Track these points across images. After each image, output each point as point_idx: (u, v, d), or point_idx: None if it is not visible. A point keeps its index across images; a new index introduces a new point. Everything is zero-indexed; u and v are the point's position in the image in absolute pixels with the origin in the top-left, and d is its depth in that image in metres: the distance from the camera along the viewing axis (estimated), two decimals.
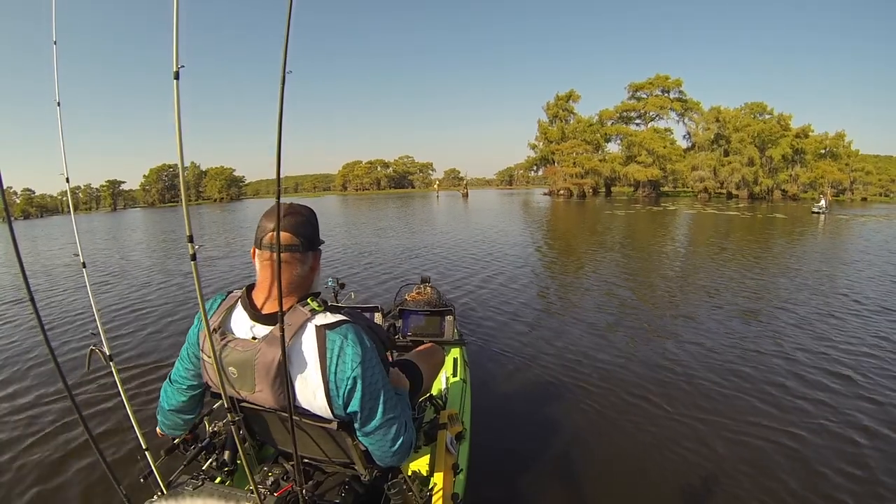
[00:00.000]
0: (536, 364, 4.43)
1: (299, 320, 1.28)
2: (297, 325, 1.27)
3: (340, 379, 1.26)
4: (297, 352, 1.27)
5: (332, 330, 1.27)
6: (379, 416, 1.33)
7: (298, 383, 1.29)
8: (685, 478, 2.79)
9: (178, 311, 6.82)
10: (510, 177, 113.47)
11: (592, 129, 54.85)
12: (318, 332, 1.27)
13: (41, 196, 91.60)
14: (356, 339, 1.28)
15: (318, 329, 1.27)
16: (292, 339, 1.26)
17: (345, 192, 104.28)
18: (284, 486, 1.46)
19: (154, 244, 17.92)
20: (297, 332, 1.27)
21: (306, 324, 1.28)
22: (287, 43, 1.03)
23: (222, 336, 1.32)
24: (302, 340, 1.27)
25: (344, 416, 1.32)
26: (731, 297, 7.02)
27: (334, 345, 1.26)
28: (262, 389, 1.28)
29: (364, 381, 1.28)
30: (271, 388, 1.27)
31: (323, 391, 1.27)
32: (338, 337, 1.27)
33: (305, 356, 1.27)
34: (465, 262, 10.18)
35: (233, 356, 1.29)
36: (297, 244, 1.32)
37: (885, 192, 56.88)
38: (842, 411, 3.51)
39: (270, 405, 1.31)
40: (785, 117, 47.38)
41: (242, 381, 1.30)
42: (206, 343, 1.30)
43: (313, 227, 1.39)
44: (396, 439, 1.37)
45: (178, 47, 1.01)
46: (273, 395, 1.28)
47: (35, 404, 3.90)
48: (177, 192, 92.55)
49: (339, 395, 1.28)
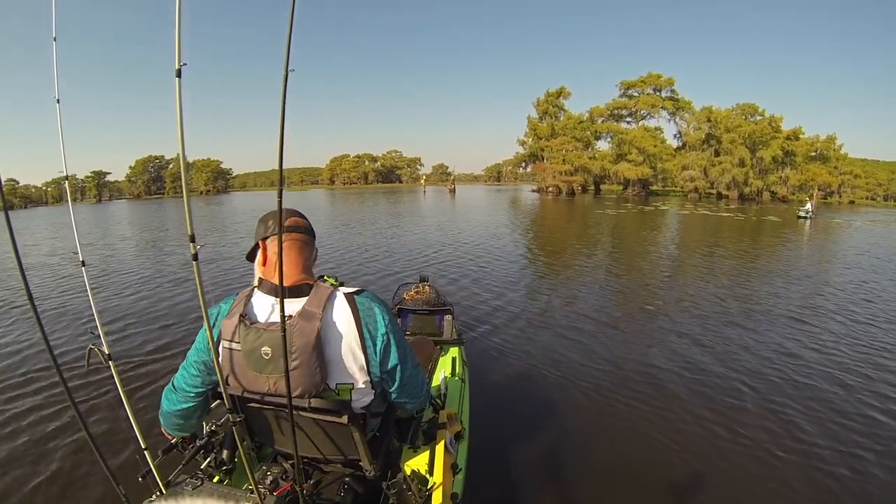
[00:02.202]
0: (536, 363, 4.44)
1: (327, 293, 1.38)
2: (326, 296, 1.37)
3: (375, 336, 1.39)
4: (332, 319, 1.36)
5: (358, 296, 1.42)
6: (411, 366, 1.51)
7: (336, 347, 1.36)
8: (686, 477, 2.81)
9: (179, 311, 6.73)
10: (498, 173, 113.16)
11: (583, 127, 54.69)
12: (349, 298, 1.39)
13: (25, 187, 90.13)
14: (380, 302, 1.45)
15: (346, 296, 1.40)
16: (326, 311, 1.35)
17: (332, 185, 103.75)
18: (284, 485, 1.46)
19: (148, 240, 17.69)
20: (328, 303, 1.37)
21: (334, 293, 1.39)
22: (290, 41, 1.03)
23: (250, 321, 1.36)
24: (335, 308, 1.37)
25: (378, 374, 1.42)
26: (742, 303, 7.04)
27: (364, 307, 1.39)
28: (298, 365, 1.30)
29: (395, 335, 1.43)
30: (309, 362, 1.31)
31: (361, 349, 1.37)
32: (365, 300, 1.42)
33: (342, 320, 1.36)
34: (460, 262, 10.17)
35: (265, 337, 1.32)
36: (306, 226, 1.53)
37: (871, 196, 57.64)
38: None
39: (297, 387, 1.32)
40: (776, 119, 47.74)
41: (276, 363, 1.32)
42: (234, 332, 1.36)
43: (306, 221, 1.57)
44: (424, 383, 1.61)
45: (181, 45, 1.00)
46: (309, 370, 1.32)
47: (33, 404, 3.84)
48: (162, 183, 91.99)
49: (377, 353, 1.39)
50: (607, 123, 55.37)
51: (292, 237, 1.46)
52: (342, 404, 1.39)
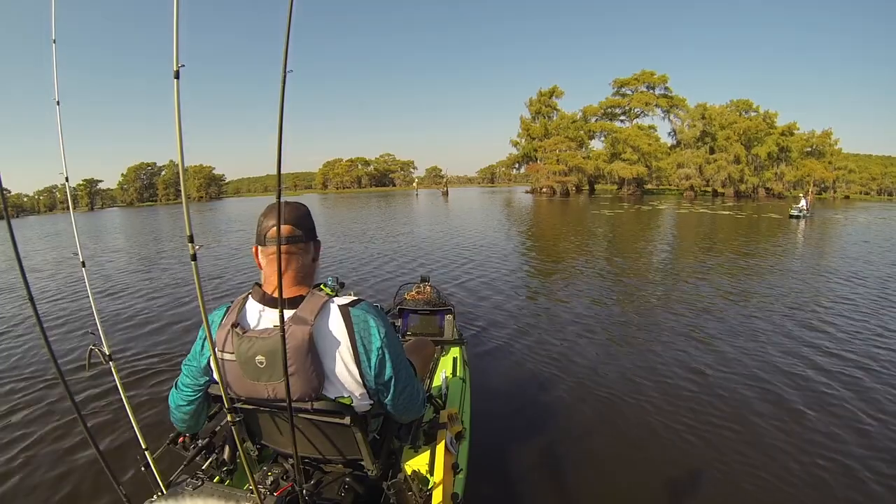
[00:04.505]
0: (537, 363, 4.43)
1: (320, 302, 1.36)
2: (320, 305, 1.35)
3: (370, 350, 1.37)
4: (326, 330, 1.35)
5: (354, 307, 1.39)
6: (405, 378, 1.48)
7: (329, 359, 1.35)
8: (686, 477, 2.79)
9: (178, 310, 6.73)
10: (492, 174, 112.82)
11: (576, 126, 54.80)
12: (343, 311, 1.37)
13: (17, 195, 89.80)
14: (377, 313, 1.42)
15: (341, 308, 1.38)
16: (319, 319, 1.34)
17: (325, 190, 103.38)
18: (284, 486, 1.47)
19: (144, 243, 17.63)
20: (321, 312, 1.35)
21: (328, 304, 1.38)
22: (287, 43, 1.03)
23: (242, 331, 1.34)
24: (329, 319, 1.36)
25: (374, 386, 1.41)
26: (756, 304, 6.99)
27: (359, 319, 1.37)
28: (294, 371, 1.29)
29: (390, 349, 1.41)
30: (304, 367, 1.31)
31: (355, 363, 1.36)
32: (361, 312, 1.39)
33: (335, 332, 1.35)
34: (459, 262, 10.20)
35: (258, 345, 1.30)
36: (300, 235, 1.43)
37: (865, 191, 57.94)
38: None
39: (296, 392, 1.32)
40: (771, 115, 47.95)
41: (271, 371, 1.31)
42: (226, 341, 1.36)
43: (310, 219, 1.50)
44: (419, 393, 1.60)
45: (178, 47, 1.00)
46: (305, 376, 1.31)
47: (34, 404, 3.84)
48: (155, 190, 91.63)
49: (371, 367, 1.38)
50: (601, 122, 55.34)
51: (283, 249, 1.38)
52: (344, 407, 1.39)
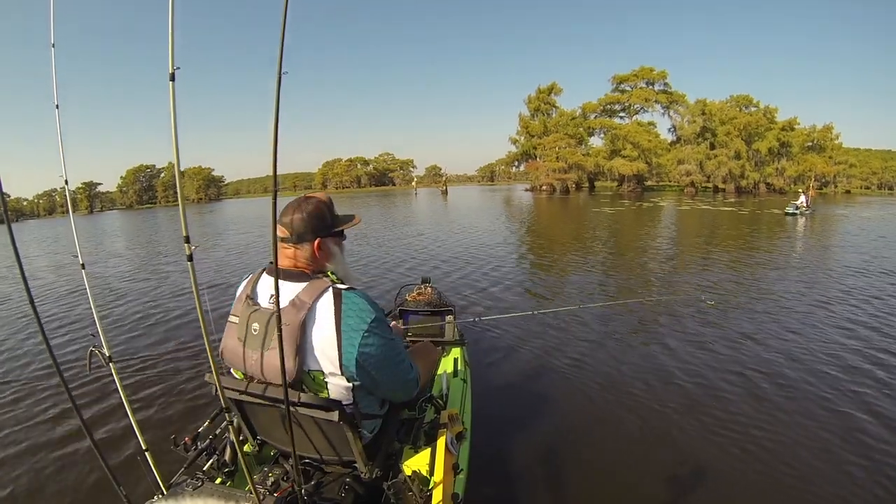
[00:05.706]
0: (538, 363, 4.42)
1: (321, 286, 1.46)
2: (320, 288, 1.45)
3: (352, 331, 1.42)
4: (316, 309, 1.43)
5: (347, 291, 1.47)
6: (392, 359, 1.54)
7: (312, 337, 1.43)
8: (686, 477, 2.79)
9: (177, 311, 6.76)
10: (491, 173, 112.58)
11: (575, 123, 54.48)
12: (336, 293, 1.45)
13: (16, 199, 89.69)
14: (367, 300, 1.49)
15: (335, 290, 1.46)
16: (316, 302, 1.43)
17: (325, 189, 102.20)
18: (284, 487, 1.47)
19: (144, 245, 17.65)
20: (319, 294, 1.45)
21: (327, 288, 1.46)
22: (283, 44, 1.03)
23: (252, 301, 1.50)
24: (322, 300, 1.44)
25: (353, 370, 1.44)
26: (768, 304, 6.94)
27: (349, 301, 1.45)
28: (275, 346, 1.34)
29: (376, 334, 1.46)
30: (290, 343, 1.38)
31: (336, 343, 1.42)
32: (353, 296, 1.47)
33: (324, 312, 1.43)
34: (458, 263, 10.20)
35: (258, 315, 1.45)
36: (286, 237, 1.54)
37: (866, 185, 57.84)
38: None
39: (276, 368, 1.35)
40: (771, 110, 47.86)
41: (260, 339, 1.43)
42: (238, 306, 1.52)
43: (311, 221, 1.55)
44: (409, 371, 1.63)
45: (174, 49, 1.01)
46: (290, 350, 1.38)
47: (34, 405, 3.85)
48: (154, 192, 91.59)
49: (354, 347, 1.42)
50: (600, 119, 55.10)
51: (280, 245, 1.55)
52: (331, 402, 1.44)
